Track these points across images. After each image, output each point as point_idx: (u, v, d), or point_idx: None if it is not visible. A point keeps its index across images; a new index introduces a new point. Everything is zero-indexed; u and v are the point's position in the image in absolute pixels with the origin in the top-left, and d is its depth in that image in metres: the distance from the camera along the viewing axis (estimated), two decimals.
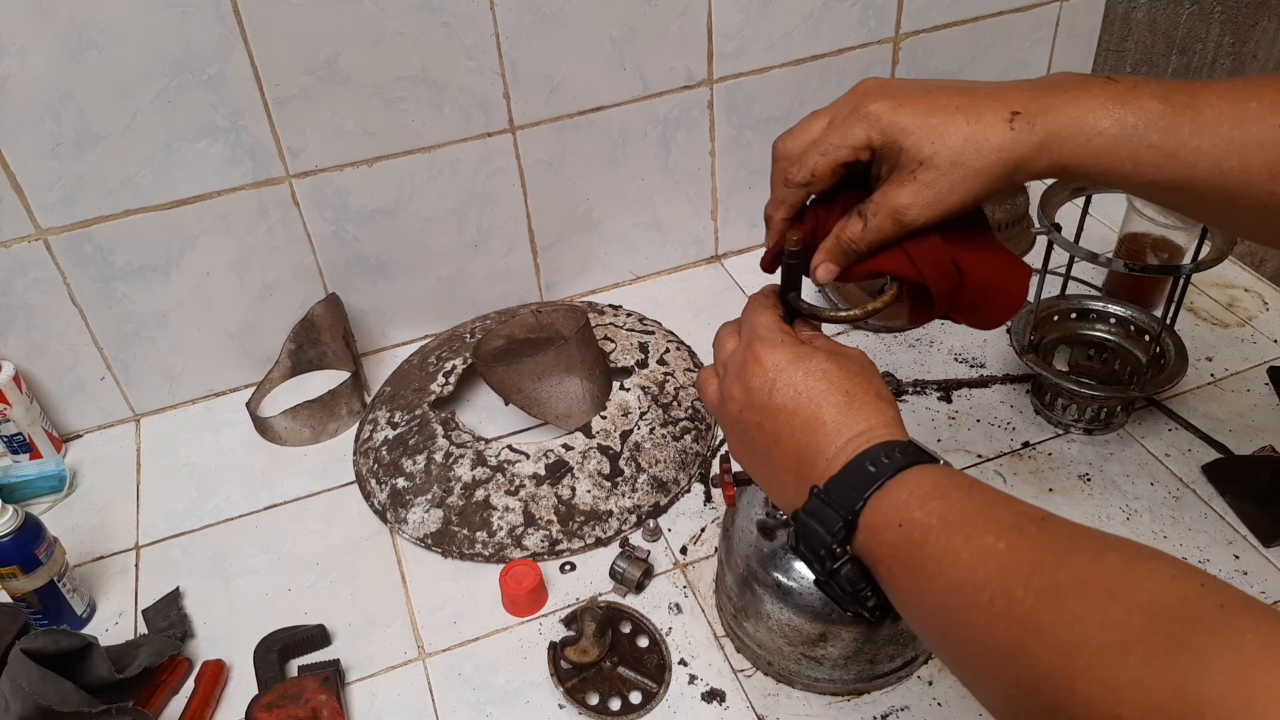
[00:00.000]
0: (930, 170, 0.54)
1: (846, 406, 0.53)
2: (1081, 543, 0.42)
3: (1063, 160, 0.54)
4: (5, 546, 0.77)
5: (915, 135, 0.54)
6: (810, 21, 1.08)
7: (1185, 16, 1.32)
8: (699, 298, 1.17)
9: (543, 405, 0.95)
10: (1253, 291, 1.11)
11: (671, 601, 0.82)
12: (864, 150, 0.56)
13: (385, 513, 0.92)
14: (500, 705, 0.76)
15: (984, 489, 0.48)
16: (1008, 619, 0.41)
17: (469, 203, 1.05)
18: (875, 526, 0.49)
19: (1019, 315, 0.98)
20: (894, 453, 0.50)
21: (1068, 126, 0.53)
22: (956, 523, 0.46)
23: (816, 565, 0.52)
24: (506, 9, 0.94)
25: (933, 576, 0.45)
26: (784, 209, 0.60)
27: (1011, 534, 0.44)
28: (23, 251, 0.92)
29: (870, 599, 0.51)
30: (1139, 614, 0.37)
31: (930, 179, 0.54)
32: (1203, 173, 0.53)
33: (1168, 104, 0.53)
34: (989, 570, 0.43)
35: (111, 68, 0.85)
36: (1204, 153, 0.53)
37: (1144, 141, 0.53)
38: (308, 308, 1.05)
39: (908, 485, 0.49)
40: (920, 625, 0.48)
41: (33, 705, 0.69)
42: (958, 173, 0.54)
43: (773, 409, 0.54)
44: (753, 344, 0.56)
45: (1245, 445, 0.92)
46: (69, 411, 1.03)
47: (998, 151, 0.54)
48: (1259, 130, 0.52)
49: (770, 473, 0.56)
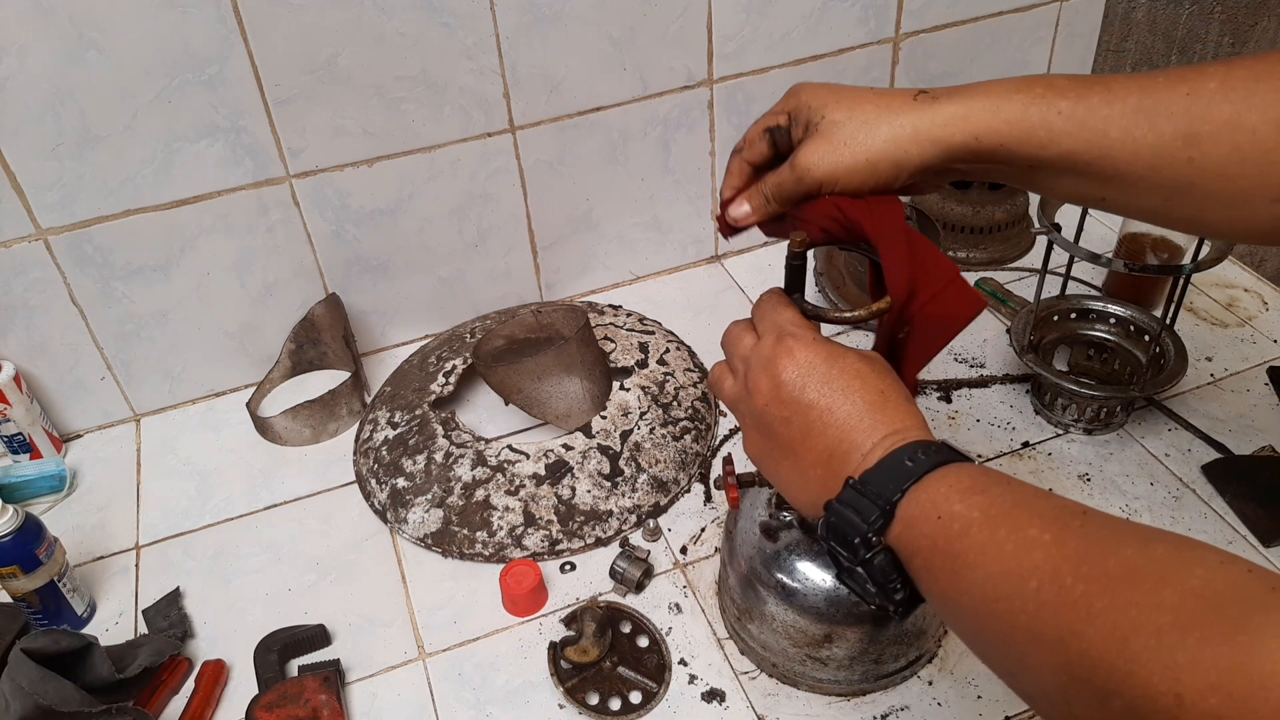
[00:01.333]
0: (828, 123, 0.58)
1: (882, 405, 0.53)
2: (1127, 533, 0.43)
3: (971, 129, 0.56)
4: (5, 546, 0.77)
5: (824, 99, 0.60)
6: (810, 21, 1.08)
7: (1185, 16, 1.32)
8: (699, 298, 1.17)
9: (543, 405, 0.95)
10: (1253, 291, 1.11)
11: (671, 601, 0.82)
12: (783, 115, 0.62)
13: (385, 513, 0.92)
14: (500, 705, 0.76)
15: (1023, 485, 0.48)
16: (1057, 606, 0.41)
17: (469, 203, 1.05)
18: (913, 518, 0.49)
19: (1019, 315, 0.98)
20: (930, 449, 0.51)
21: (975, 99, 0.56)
22: (999, 516, 0.46)
23: (848, 555, 0.51)
24: (506, 9, 0.94)
25: (974, 567, 0.45)
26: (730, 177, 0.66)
27: (1056, 526, 0.44)
28: (23, 251, 0.92)
29: (899, 591, 0.51)
30: (1193, 598, 0.37)
31: (827, 131, 0.58)
32: (1116, 141, 0.53)
33: (1077, 80, 0.55)
34: (1035, 560, 0.43)
35: (111, 68, 0.85)
36: (1113, 120, 0.53)
37: (1053, 108, 0.54)
38: (308, 308, 1.05)
39: (946, 479, 0.49)
40: (957, 616, 0.48)
41: (33, 705, 0.69)
42: (853, 130, 0.57)
43: (804, 404, 0.54)
44: (783, 339, 0.56)
45: (1245, 445, 0.92)
46: (69, 411, 1.03)
47: (897, 114, 0.57)
48: (1168, 97, 0.53)
49: (794, 467, 0.56)
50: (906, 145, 0.57)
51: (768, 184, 0.62)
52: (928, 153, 0.57)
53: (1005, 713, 0.73)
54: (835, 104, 0.59)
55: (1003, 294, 1.11)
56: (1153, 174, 0.54)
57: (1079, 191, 0.58)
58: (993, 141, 0.56)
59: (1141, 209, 0.58)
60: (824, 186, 0.59)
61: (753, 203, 0.63)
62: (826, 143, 0.58)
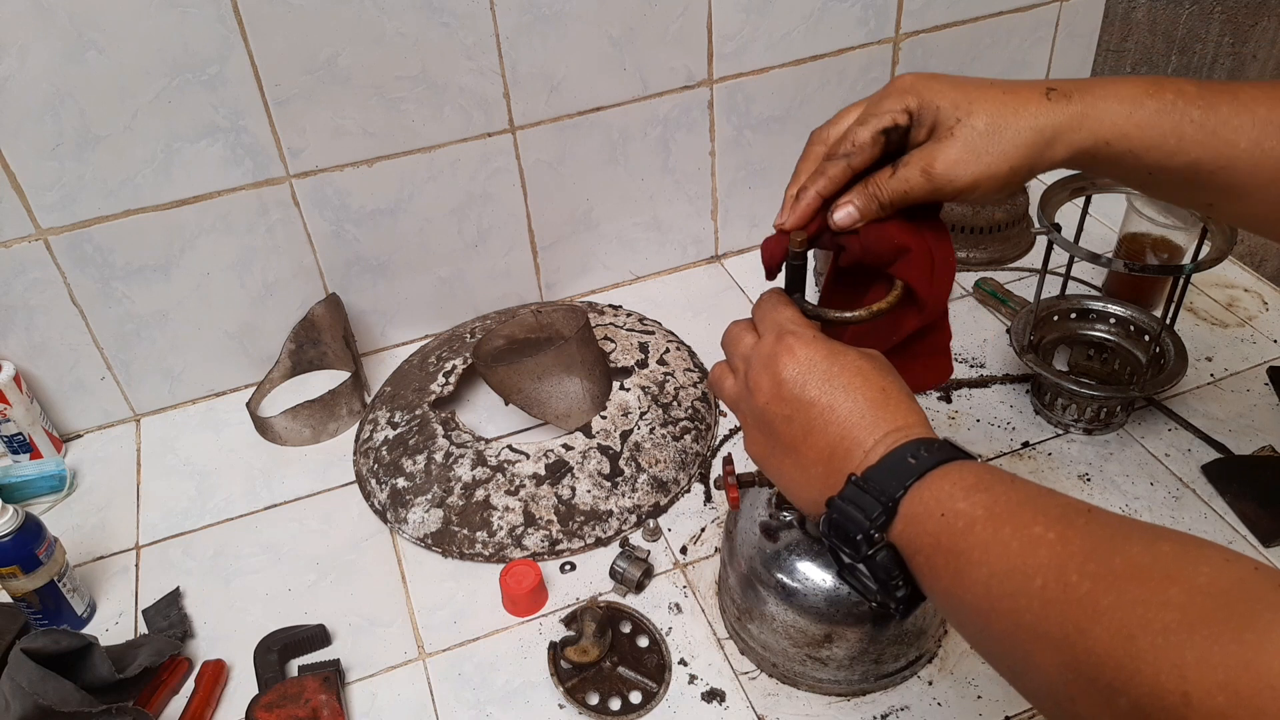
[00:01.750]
0: (966, 128, 0.55)
1: (884, 403, 0.53)
2: (1132, 531, 0.43)
3: (1103, 133, 0.54)
4: (5, 546, 0.77)
5: (951, 97, 0.55)
6: (810, 21, 1.08)
7: (1185, 16, 1.32)
8: (699, 298, 1.17)
9: (543, 405, 0.95)
10: (1253, 291, 1.11)
11: (671, 601, 0.82)
12: (902, 114, 0.57)
13: (385, 513, 0.92)
14: (500, 705, 0.76)
15: (1027, 483, 0.48)
16: (1063, 604, 0.41)
17: (469, 203, 1.05)
18: (916, 515, 0.49)
19: (1019, 315, 0.98)
20: (933, 447, 0.51)
21: (1108, 101, 0.54)
22: (1003, 513, 0.46)
23: (850, 551, 0.51)
24: (506, 9, 0.94)
25: (978, 564, 0.45)
26: (823, 181, 0.59)
27: (1060, 524, 0.44)
28: (23, 251, 0.92)
29: (901, 589, 0.51)
30: (1200, 595, 0.37)
31: (966, 136, 0.55)
32: (1244, 152, 0.53)
33: (1204, 87, 0.54)
34: (1040, 558, 0.43)
35: (111, 68, 0.85)
36: (1243, 130, 0.53)
37: (1186, 116, 0.54)
38: (308, 308, 1.05)
39: (950, 477, 0.49)
40: (960, 614, 0.48)
41: (33, 705, 0.69)
42: (994, 135, 0.54)
43: (805, 401, 0.54)
44: (784, 337, 0.56)
45: (1245, 445, 0.92)
46: (69, 411, 1.03)
47: (1034, 117, 0.54)
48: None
49: (795, 464, 0.56)
50: (1044, 148, 0.55)
51: (887, 188, 0.57)
52: (1060, 155, 0.55)
53: (1005, 713, 0.73)
54: (968, 105, 0.55)
55: (1003, 294, 1.11)
56: (1271, 187, 0.54)
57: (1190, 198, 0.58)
58: (1122, 147, 0.55)
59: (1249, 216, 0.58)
60: (962, 195, 0.56)
61: (863, 206, 0.58)
62: (967, 149, 0.55)
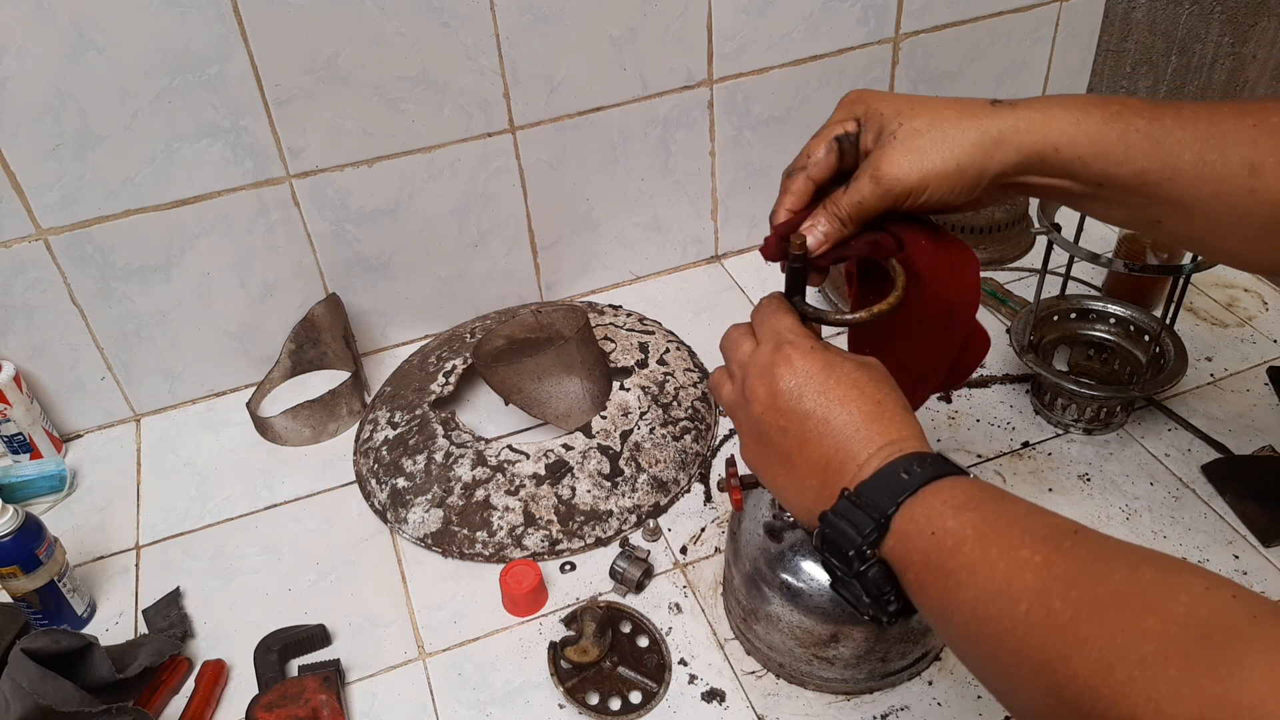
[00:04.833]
0: (907, 130, 0.56)
1: (878, 416, 0.53)
2: (1116, 556, 0.43)
3: (1051, 138, 0.55)
4: (5, 546, 0.77)
5: (895, 105, 0.57)
6: (810, 22, 1.08)
7: (1185, 17, 1.32)
8: (699, 298, 1.17)
9: (543, 405, 0.95)
10: (1252, 291, 1.11)
11: (671, 601, 0.82)
12: (851, 122, 0.59)
13: (385, 513, 0.92)
14: (500, 705, 0.76)
15: (1016, 501, 0.48)
16: (1045, 630, 0.41)
17: (469, 203, 1.05)
18: (906, 533, 0.49)
19: (1019, 315, 0.98)
20: (925, 462, 0.51)
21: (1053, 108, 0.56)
22: (991, 534, 0.46)
23: (842, 566, 0.52)
24: (506, 9, 0.94)
25: (965, 585, 0.45)
26: (788, 196, 0.61)
27: (1046, 547, 0.44)
28: (23, 251, 0.92)
29: (892, 603, 0.51)
30: (1176, 626, 0.38)
31: (906, 136, 0.56)
32: (1188, 164, 0.54)
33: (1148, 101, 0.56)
34: (1025, 583, 0.43)
35: (111, 68, 0.85)
36: (1186, 143, 0.54)
37: (1131, 126, 0.55)
38: (308, 308, 1.05)
39: (941, 494, 0.49)
40: (948, 632, 0.48)
41: (33, 705, 0.69)
42: (935, 133, 0.55)
43: (800, 413, 0.54)
44: (782, 346, 0.56)
45: (1245, 445, 0.92)
46: (69, 411, 1.03)
47: (978, 119, 0.56)
48: (1235, 127, 0.54)
49: (789, 476, 0.56)
50: (991, 149, 0.55)
51: (843, 204, 0.57)
52: (1009, 159, 0.56)
53: (1005, 713, 0.73)
54: (912, 111, 0.56)
55: (1003, 294, 1.11)
56: (1214, 200, 0.55)
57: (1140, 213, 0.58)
58: (1070, 153, 0.55)
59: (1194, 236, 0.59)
60: (912, 197, 0.56)
61: (826, 225, 0.58)
62: (910, 150, 0.55)
